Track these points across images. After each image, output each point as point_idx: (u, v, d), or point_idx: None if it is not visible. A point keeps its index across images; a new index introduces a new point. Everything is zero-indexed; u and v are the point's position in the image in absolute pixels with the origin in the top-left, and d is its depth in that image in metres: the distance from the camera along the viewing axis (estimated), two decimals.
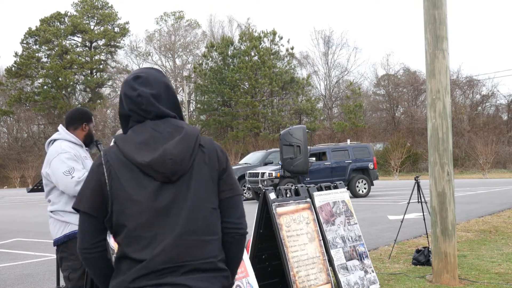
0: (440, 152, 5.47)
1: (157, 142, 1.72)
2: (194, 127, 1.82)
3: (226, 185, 1.80)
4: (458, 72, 45.28)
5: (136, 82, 1.82)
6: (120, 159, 1.71)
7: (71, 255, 3.49)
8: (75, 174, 3.43)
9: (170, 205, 1.68)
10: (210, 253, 1.69)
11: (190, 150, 1.72)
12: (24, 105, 53.13)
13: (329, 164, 18.58)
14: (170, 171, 1.67)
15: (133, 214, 1.67)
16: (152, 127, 1.76)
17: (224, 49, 43.69)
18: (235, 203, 1.81)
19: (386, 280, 5.60)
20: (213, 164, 1.77)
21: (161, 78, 1.86)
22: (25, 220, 14.57)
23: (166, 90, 1.85)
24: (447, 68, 5.52)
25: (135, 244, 1.67)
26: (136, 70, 1.91)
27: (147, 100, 1.78)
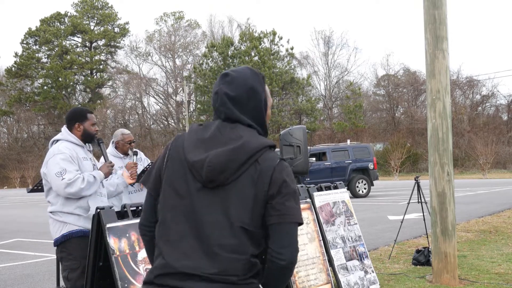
0: (440, 152, 5.47)
1: (212, 144, 1.69)
2: (260, 141, 1.69)
3: (275, 210, 1.65)
4: (458, 72, 45.27)
5: (223, 79, 1.77)
6: (179, 149, 1.73)
7: (69, 255, 3.51)
8: (66, 176, 3.43)
9: (204, 210, 1.65)
10: (232, 271, 1.61)
11: (237, 164, 1.63)
12: (24, 105, 53.12)
13: (329, 164, 18.58)
14: (206, 178, 1.64)
15: (172, 205, 1.69)
16: (219, 127, 1.73)
17: (224, 49, 43.68)
18: (281, 231, 1.64)
19: (386, 280, 5.60)
20: (262, 185, 1.64)
21: (249, 80, 1.76)
22: (25, 220, 14.57)
23: (249, 95, 1.75)
24: (447, 68, 5.52)
25: (165, 234, 1.68)
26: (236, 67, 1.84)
27: (221, 100, 1.74)
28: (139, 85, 52.19)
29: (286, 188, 1.66)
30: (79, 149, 3.68)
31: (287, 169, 1.69)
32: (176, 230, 1.66)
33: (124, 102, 54.53)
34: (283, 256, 1.64)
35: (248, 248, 1.63)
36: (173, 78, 52.52)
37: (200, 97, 45.99)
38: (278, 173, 1.66)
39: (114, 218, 3.47)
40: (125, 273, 3.37)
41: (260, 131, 1.76)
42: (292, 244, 1.65)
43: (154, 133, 51.45)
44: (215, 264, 1.61)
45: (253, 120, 1.75)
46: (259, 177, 1.64)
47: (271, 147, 1.72)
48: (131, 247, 3.48)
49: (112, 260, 3.36)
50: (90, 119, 3.74)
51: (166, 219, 1.70)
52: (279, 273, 1.67)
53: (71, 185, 3.43)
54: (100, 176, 3.62)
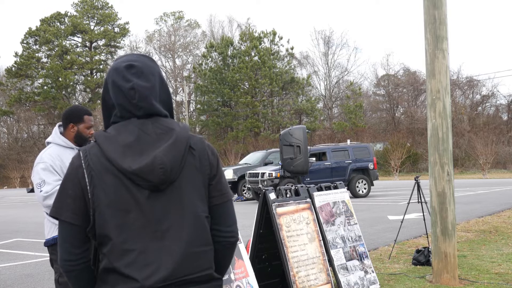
0: (440, 152, 5.47)
1: (144, 146, 1.54)
2: (184, 127, 1.64)
3: (216, 190, 1.64)
4: (458, 72, 45.34)
5: (129, 71, 1.60)
6: (102, 162, 1.53)
7: None
8: (44, 188, 3.29)
9: (161, 216, 1.53)
10: (206, 264, 1.58)
11: (180, 157, 1.55)
12: (24, 105, 53.13)
13: (329, 164, 18.58)
14: (159, 181, 1.51)
15: (118, 225, 1.50)
16: (139, 127, 1.57)
17: (224, 49, 43.70)
18: (227, 210, 1.66)
19: (386, 280, 5.60)
20: (205, 169, 1.62)
21: (155, 69, 1.67)
22: (25, 220, 14.58)
23: (161, 84, 1.67)
24: (447, 68, 5.52)
25: (124, 258, 1.50)
26: (126, 56, 1.68)
27: (141, 95, 1.58)
28: None
29: (219, 166, 1.68)
30: (68, 154, 3.45)
31: (212, 147, 1.70)
32: (135, 248, 1.50)
33: None
34: (233, 233, 1.67)
35: (209, 237, 1.62)
36: (173, 78, 52.52)
37: (200, 97, 46.00)
38: (212, 155, 1.66)
39: None
40: None
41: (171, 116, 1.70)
42: (235, 220, 1.70)
43: None
44: (190, 264, 1.54)
45: (166, 108, 1.67)
46: (200, 162, 1.62)
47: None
48: None
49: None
50: (86, 122, 3.51)
51: (118, 243, 1.50)
52: (230, 251, 1.69)
53: (49, 198, 3.29)
54: None
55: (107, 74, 1.66)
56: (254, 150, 29.41)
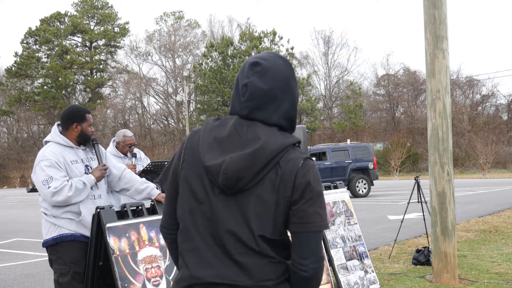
0: (440, 152, 5.47)
1: (229, 145, 1.52)
2: (281, 140, 1.51)
3: (296, 217, 1.50)
4: (458, 72, 45.33)
5: (253, 69, 1.55)
6: (195, 149, 1.57)
7: (59, 258, 3.43)
8: (52, 184, 3.30)
9: (223, 218, 1.52)
10: (261, 276, 1.51)
11: (256, 170, 1.47)
12: (24, 105, 53.13)
13: (329, 164, 18.58)
14: (223, 185, 1.50)
15: (190, 210, 1.56)
16: (236, 126, 1.54)
17: (224, 49, 43.69)
18: (302, 241, 1.51)
19: (386, 280, 5.60)
20: (284, 190, 1.49)
21: (285, 73, 1.57)
22: (25, 220, 14.58)
23: (284, 89, 1.57)
24: (447, 68, 5.52)
25: (187, 243, 1.57)
26: (261, 53, 1.60)
27: (251, 95, 1.54)
28: (139, 85, 52.18)
29: (309, 192, 1.50)
30: (68, 152, 3.49)
31: (312, 170, 1.52)
32: (198, 237, 1.55)
33: (124, 102, 54.53)
34: (305, 268, 1.52)
35: (271, 253, 1.52)
36: (173, 78, 52.52)
37: (200, 96, 46.01)
38: (302, 176, 1.50)
39: (114, 218, 3.46)
40: (125, 273, 3.37)
41: (286, 127, 1.59)
42: (315, 254, 1.52)
43: (154, 132, 51.45)
44: (242, 271, 1.51)
45: (283, 117, 1.57)
46: (280, 182, 1.49)
47: (295, 144, 1.55)
48: (131, 247, 3.48)
49: (112, 260, 3.36)
50: (88, 120, 3.56)
51: (187, 226, 1.58)
52: (302, 284, 1.55)
53: (58, 194, 3.30)
54: (89, 180, 3.43)
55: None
56: None
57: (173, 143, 47.31)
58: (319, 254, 1.54)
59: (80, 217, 3.41)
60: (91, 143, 3.59)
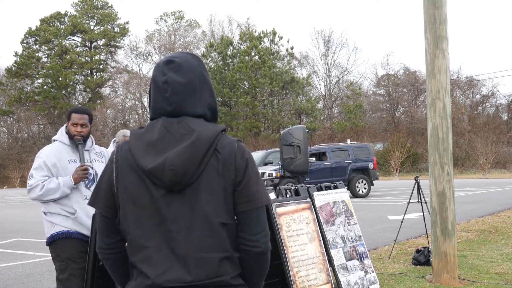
0: (440, 152, 5.47)
1: (164, 145, 1.54)
2: (212, 128, 1.58)
3: (242, 197, 1.57)
4: (458, 72, 45.33)
5: (168, 66, 1.61)
6: (128, 159, 1.57)
7: (57, 256, 3.50)
8: (30, 181, 3.50)
9: (175, 216, 1.53)
10: (220, 271, 1.54)
11: (198, 159, 1.52)
12: (24, 105, 53.13)
13: (329, 164, 18.58)
14: (170, 182, 1.51)
15: (135, 220, 1.55)
16: (165, 126, 1.57)
17: (224, 49, 43.69)
18: (251, 218, 1.58)
19: (386, 280, 5.60)
20: (228, 174, 1.56)
21: (198, 67, 1.64)
22: (25, 220, 14.58)
23: (202, 82, 1.64)
24: (447, 68, 5.52)
25: (140, 253, 1.55)
26: (173, 53, 1.69)
27: (173, 89, 1.58)
28: (139, 84, 52.20)
29: (249, 172, 1.58)
30: (66, 151, 3.61)
31: (246, 151, 1.61)
32: (150, 245, 1.54)
33: (124, 101, 54.57)
34: (256, 243, 1.57)
35: (227, 244, 1.56)
36: None
37: None
38: (240, 158, 1.58)
39: None
40: None
41: (210, 118, 1.66)
42: (264, 229, 1.60)
43: None
44: (201, 269, 1.52)
45: (206, 107, 1.63)
46: (223, 167, 1.55)
47: (223, 131, 1.62)
48: None
49: None
50: (72, 119, 3.62)
51: (135, 238, 1.56)
52: (255, 262, 1.60)
53: (31, 191, 3.50)
54: (66, 182, 3.47)
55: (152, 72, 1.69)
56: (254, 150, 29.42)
57: None
58: (267, 229, 1.61)
59: (75, 215, 3.50)
60: (74, 143, 3.62)
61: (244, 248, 1.58)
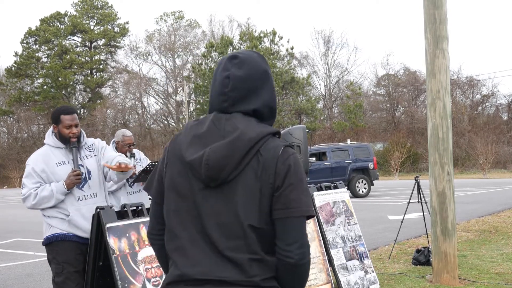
0: (440, 152, 5.46)
1: (208, 139, 1.55)
2: (259, 129, 1.55)
3: (279, 203, 1.51)
4: (458, 72, 45.27)
5: (231, 62, 1.61)
6: (175, 149, 1.62)
7: (53, 258, 3.46)
8: (22, 190, 3.46)
9: (209, 212, 1.53)
10: (249, 272, 1.50)
11: (237, 158, 1.50)
12: (24, 105, 53.14)
13: (329, 164, 18.57)
14: (206, 177, 1.51)
15: (175, 209, 1.58)
16: (213, 120, 1.58)
17: (224, 49, 43.66)
18: (287, 226, 1.51)
19: (386, 280, 5.60)
20: (267, 178, 1.51)
21: (261, 64, 1.63)
22: (25, 220, 14.57)
23: (263, 78, 1.62)
24: (447, 67, 5.52)
25: (173, 242, 1.59)
26: (238, 50, 1.71)
27: (233, 84, 1.58)
28: (139, 85, 52.19)
29: (291, 177, 1.52)
30: (56, 154, 3.50)
31: (292, 156, 1.55)
32: (184, 236, 1.56)
33: (124, 102, 54.54)
34: (290, 254, 1.51)
35: (257, 247, 1.51)
36: (173, 78, 52.52)
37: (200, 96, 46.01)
38: (282, 163, 1.52)
39: (114, 218, 3.46)
40: (125, 273, 3.37)
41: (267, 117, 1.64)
42: (299, 239, 1.52)
43: (154, 133, 51.45)
44: (229, 267, 1.51)
45: (263, 105, 1.61)
46: (263, 170, 1.51)
47: (274, 134, 1.58)
48: (131, 247, 3.48)
49: (112, 260, 3.36)
50: (63, 122, 3.47)
51: (172, 226, 1.59)
52: (290, 272, 1.54)
53: (25, 201, 3.45)
54: (59, 188, 3.39)
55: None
56: None
57: None
58: (304, 240, 1.53)
59: (69, 217, 3.43)
60: (69, 146, 3.50)
61: (278, 257, 1.54)
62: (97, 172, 3.60)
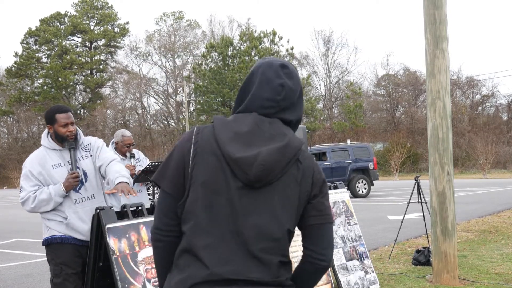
0: (440, 152, 5.47)
1: (254, 140, 1.54)
2: (298, 139, 1.61)
3: (316, 210, 1.60)
4: (458, 72, 45.28)
5: (283, 70, 1.64)
6: (211, 143, 1.55)
7: (52, 259, 3.45)
8: (20, 194, 3.42)
9: (246, 211, 1.52)
10: (278, 273, 1.55)
11: (285, 162, 1.54)
12: (24, 105, 53.16)
13: (329, 164, 18.57)
14: (255, 177, 1.50)
15: (207, 205, 1.53)
16: (257, 122, 1.57)
17: (224, 49, 43.67)
18: (324, 232, 1.62)
19: (386, 280, 5.60)
20: (306, 185, 1.59)
21: (300, 80, 1.70)
22: (25, 220, 14.57)
23: (300, 93, 1.69)
24: (447, 68, 5.52)
25: (204, 238, 1.52)
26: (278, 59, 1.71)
27: (287, 94, 1.62)
28: (139, 85, 52.20)
29: (325, 187, 1.65)
30: (52, 156, 3.46)
31: (320, 169, 1.67)
32: (215, 233, 1.52)
33: (124, 102, 54.56)
34: (325, 257, 1.62)
35: (286, 249, 1.58)
36: (173, 78, 52.52)
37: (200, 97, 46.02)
38: (318, 173, 1.63)
39: (114, 218, 3.46)
40: (125, 274, 3.37)
41: (295, 128, 1.70)
42: (330, 245, 1.65)
43: (154, 133, 51.46)
44: (259, 267, 1.51)
45: (297, 117, 1.68)
46: (302, 177, 1.58)
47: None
48: (131, 247, 3.48)
49: (112, 261, 3.36)
50: (59, 121, 3.41)
51: (201, 222, 1.53)
52: (318, 274, 1.65)
53: (24, 204, 3.40)
54: (57, 191, 3.35)
55: (256, 66, 1.68)
56: None
57: (173, 143, 47.29)
58: (333, 244, 1.68)
59: (67, 220, 3.41)
60: (67, 146, 3.45)
61: (311, 261, 1.62)
62: (94, 173, 3.54)
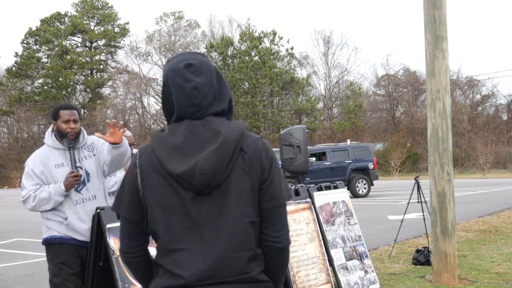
0: (440, 152, 5.47)
1: (191, 148, 1.53)
2: (235, 127, 1.58)
3: (267, 195, 1.60)
4: (458, 72, 45.29)
5: (189, 70, 1.59)
6: (153, 163, 1.56)
7: (51, 259, 3.45)
8: (22, 192, 3.43)
9: (204, 218, 1.54)
10: (247, 268, 1.57)
11: (226, 161, 1.53)
12: (24, 105, 53.13)
13: (329, 164, 18.58)
14: (200, 185, 1.51)
15: (165, 224, 1.55)
16: (189, 128, 1.56)
17: (224, 49, 43.68)
18: (275, 215, 1.61)
19: (386, 280, 5.61)
20: (255, 173, 1.58)
21: (210, 65, 1.64)
22: (26, 220, 14.57)
23: (218, 78, 1.64)
24: (447, 68, 5.52)
25: (169, 257, 1.56)
26: (179, 55, 1.65)
27: (204, 94, 1.58)
28: (139, 85, 52.19)
29: (272, 171, 1.61)
30: (55, 155, 3.45)
31: (270, 148, 1.63)
32: (179, 248, 1.55)
33: (124, 102, 54.54)
34: (279, 239, 1.61)
35: (253, 242, 1.58)
36: None
37: None
38: (265, 157, 1.60)
39: (114, 218, 3.46)
40: (126, 274, 3.37)
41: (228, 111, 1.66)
42: (285, 225, 1.64)
43: None
44: (231, 267, 1.54)
45: (226, 103, 1.64)
46: (250, 166, 1.57)
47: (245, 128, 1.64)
48: None
49: (113, 261, 3.36)
50: (62, 116, 3.41)
51: (165, 241, 1.56)
52: (278, 257, 1.64)
53: (25, 202, 3.42)
54: (57, 190, 3.34)
55: (164, 75, 1.63)
56: None
57: None
58: (287, 226, 1.66)
59: (67, 221, 3.40)
60: (66, 143, 3.43)
61: (267, 244, 1.61)
62: (96, 174, 3.54)
